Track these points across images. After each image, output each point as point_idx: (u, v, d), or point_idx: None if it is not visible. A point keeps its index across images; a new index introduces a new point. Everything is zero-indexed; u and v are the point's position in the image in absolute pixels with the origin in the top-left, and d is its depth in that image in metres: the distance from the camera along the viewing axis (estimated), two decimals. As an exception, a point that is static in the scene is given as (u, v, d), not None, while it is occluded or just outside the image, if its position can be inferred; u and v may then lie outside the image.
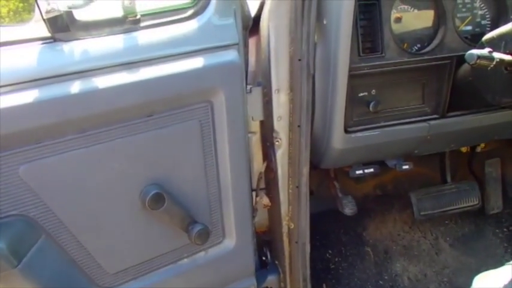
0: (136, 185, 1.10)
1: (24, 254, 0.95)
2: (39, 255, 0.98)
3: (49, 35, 0.97)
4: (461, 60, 1.50)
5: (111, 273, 1.14)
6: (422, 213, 2.14)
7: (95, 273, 1.12)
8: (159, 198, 1.10)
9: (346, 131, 1.51)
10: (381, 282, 2.12)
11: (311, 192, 1.50)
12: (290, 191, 1.52)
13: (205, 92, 1.12)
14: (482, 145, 2.24)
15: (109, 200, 1.08)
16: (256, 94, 1.42)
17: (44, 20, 0.95)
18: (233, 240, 1.34)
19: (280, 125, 1.43)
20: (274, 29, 1.29)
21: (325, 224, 2.31)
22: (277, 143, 1.47)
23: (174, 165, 1.14)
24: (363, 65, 1.45)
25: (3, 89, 0.91)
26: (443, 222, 2.41)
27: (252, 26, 1.35)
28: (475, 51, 1.27)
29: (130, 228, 1.13)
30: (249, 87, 1.37)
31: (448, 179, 2.29)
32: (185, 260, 1.27)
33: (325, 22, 1.38)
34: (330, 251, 2.23)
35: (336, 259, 2.20)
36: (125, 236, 1.14)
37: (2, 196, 0.95)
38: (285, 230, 1.60)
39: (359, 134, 1.54)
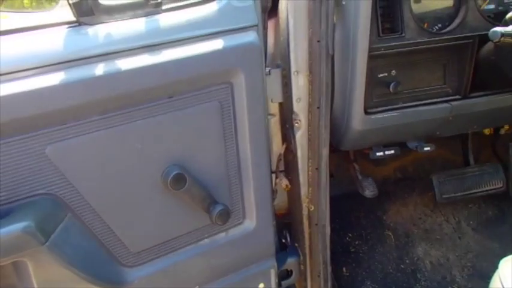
0: (158, 166, 1.12)
1: (51, 231, 0.98)
2: (65, 233, 1.01)
3: (74, 19, 1.00)
4: (483, 39, 1.48)
5: (134, 252, 1.17)
6: (444, 196, 2.13)
7: (119, 251, 1.14)
8: (180, 178, 1.12)
9: (366, 112, 1.50)
10: (402, 266, 2.11)
11: (330, 175, 1.50)
12: (310, 172, 1.52)
13: (225, 74, 1.13)
14: (506, 127, 2.20)
15: (132, 180, 1.11)
16: (275, 76, 1.42)
17: (69, 4, 0.97)
18: (253, 221, 1.35)
19: (300, 107, 1.43)
20: (292, 10, 1.28)
21: (345, 207, 2.31)
22: (296, 124, 1.47)
23: (194, 146, 1.15)
24: (382, 45, 1.44)
25: (30, 72, 0.94)
26: (466, 206, 2.38)
27: (270, 7, 1.35)
28: (499, 29, 1.25)
29: (152, 208, 1.16)
30: (268, 69, 1.37)
31: (471, 161, 2.26)
32: (206, 240, 1.29)
33: (344, 2, 1.37)
34: (349, 235, 2.23)
35: (356, 242, 2.20)
36: (147, 216, 1.16)
37: (30, 175, 0.98)
38: (305, 212, 1.61)
39: (379, 115, 1.53)
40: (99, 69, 0.98)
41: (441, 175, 2.16)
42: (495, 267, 1.25)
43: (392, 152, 1.71)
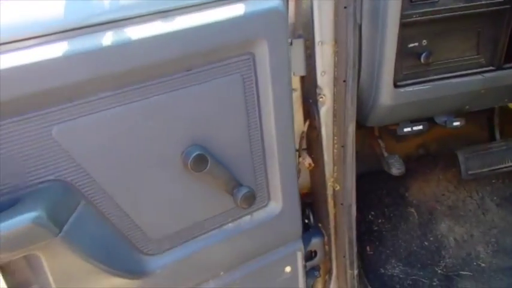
0: (177, 146, 1.03)
1: (64, 221, 0.90)
2: (79, 221, 0.93)
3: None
4: (522, 5, 1.37)
5: (154, 239, 1.10)
6: (470, 172, 2.04)
7: (138, 239, 1.07)
8: (201, 159, 1.03)
9: (395, 86, 1.41)
10: (426, 243, 2.04)
11: (355, 152, 1.41)
12: (335, 150, 1.44)
13: (247, 43, 1.03)
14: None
15: (149, 162, 1.02)
16: (298, 47, 1.33)
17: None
18: (279, 202, 1.27)
19: (324, 80, 1.35)
20: (317, -26, 1.18)
21: (367, 185, 2.23)
22: (320, 99, 1.38)
23: (215, 123, 1.07)
24: (414, 11, 1.34)
25: (28, 42, 0.83)
26: (490, 181, 2.29)
27: (292, -29, 1.24)
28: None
29: (172, 191, 1.08)
30: (289, 39, 1.27)
31: (497, 136, 2.16)
32: (230, 224, 1.21)
33: (373, -35, 1.26)
34: (372, 213, 2.16)
35: (379, 221, 2.13)
36: (166, 200, 1.08)
37: (37, 160, 0.90)
38: (329, 191, 1.54)
39: (409, 89, 1.43)
40: (107, 38, 0.88)
41: (467, 150, 2.06)
42: None
43: (421, 127, 1.62)
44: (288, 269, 1.39)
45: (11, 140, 0.86)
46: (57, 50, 0.84)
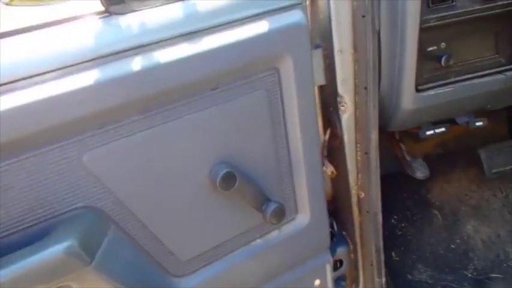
0: (205, 165, 1.03)
1: (96, 248, 0.89)
2: (111, 248, 0.92)
3: (103, 9, 0.89)
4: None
5: (184, 261, 1.09)
6: (493, 170, 2.00)
7: (168, 262, 1.06)
8: (230, 177, 1.02)
9: (416, 90, 1.39)
10: (452, 246, 2.01)
11: None
12: (358, 158, 1.43)
13: (271, 59, 1.03)
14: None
15: (177, 183, 1.02)
16: (317, 57, 1.31)
17: (97, -7, 0.87)
18: (307, 215, 1.26)
19: (345, 89, 1.33)
20: (333, -17, 1.17)
21: (387, 189, 2.19)
22: (342, 107, 1.37)
23: (242, 140, 1.06)
24: (432, 16, 1.33)
25: (59, 72, 0.84)
26: (513, 179, 2.26)
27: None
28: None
29: (200, 211, 1.07)
30: (309, 50, 1.26)
31: (518, 132, 2.13)
32: (258, 240, 1.20)
33: (389, -29, 1.25)
34: (395, 217, 2.13)
35: (402, 225, 2.10)
36: (195, 220, 1.07)
37: (67, 188, 0.89)
38: (354, 199, 1.52)
39: (431, 92, 1.42)
40: (136, 63, 0.88)
41: (489, 148, 2.03)
42: None
43: (443, 129, 1.60)
44: (317, 282, 1.37)
45: (42, 169, 0.86)
46: (86, 78, 0.85)
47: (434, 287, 1.85)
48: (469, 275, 1.89)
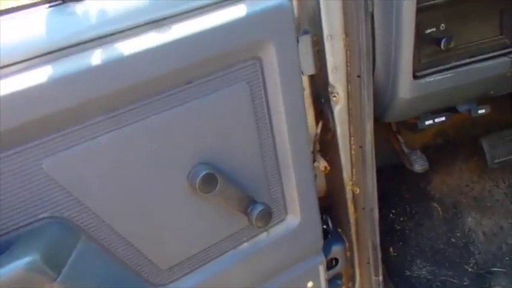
0: (183, 167, 0.93)
1: (63, 262, 0.80)
2: (80, 260, 0.83)
3: (55, -4, 0.79)
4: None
5: (164, 269, 1.00)
6: (496, 160, 1.91)
7: (147, 271, 0.97)
8: (210, 179, 0.93)
9: (414, 77, 1.29)
10: (453, 240, 1.93)
11: None
12: (353, 152, 1.33)
13: (252, 47, 0.92)
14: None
15: (152, 187, 0.92)
16: (305, 44, 1.21)
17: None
18: (297, 215, 1.16)
19: (337, 77, 1.23)
20: (321, -39, 1.07)
21: (385, 182, 2.10)
22: (334, 98, 1.27)
23: (223, 138, 0.96)
24: (430, -6, 1.22)
25: (8, 70, 0.74)
26: (516, 168, 2.17)
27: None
28: None
29: (180, 216, 0.98)
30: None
31: (522, 120, 2.03)
32: (245, 244, 1.11)
33: None
34: (393, 211, 2.04)
35: (401, 219, 2.02)
36: (175, 226, 0.98)
37: (29, 197, 0.80)
38: (349, 195, 1.43)
39: (429, 79, 1.31)
40: (96, 57, 0.78)
41: (491, 137, 1.94)
42: None
43: (443, 119, 1.50)
44: (310, 284, 1.29)
45: None
46: (39, 75, 0.75)
47: (434, 282, 1.77)
48: (470, 269, 1.81)
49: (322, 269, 1.30)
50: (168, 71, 0.84)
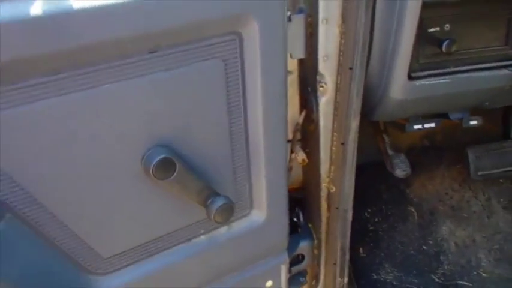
0: (137, 148, 0.82)
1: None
2: (3, 242, 0.72)
3: None
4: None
5: (106, 257, 0.90)
6: (480, 173, 1.84)
7: (85, 258, 0.87)
8: (167, 164, 0.82)
9: (409, 77, 1.19)
10: (424, 247, 1.87)
11: None
12: (333, 148, 1.24)
13: (231, 21, 0.80)
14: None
15: (98, 167, 0.81)
16: (297, 24, 1.10)
17: None
18: (263, 211, 1.07)
19: (327, 66, 1.13)
20: None
21: (364, 179, 2.03)
22: (321, 88, 1.17)
23: (187, 119, 0.85)
24: (439, -11, 1.11)
25: None
26: (497, 181, 2.11)
27: None
28: None
29: (128, 201, 0.87)
30: (287, 14, 1.04)
31: (512, 134, 1.97)
32: (202, 237, 1.01)
33: None
34: (368, 210, 1.98)
35: (375, 219, 1.95)
36: (122, 211, 0.88)
37: None
38: (323, 193, 1.35)
39: (425, 82, 1.22)
40: (37, 7, 0.65)
41: (478, 149, 1.86)
42: None
43: (433, 125, 1.42)
44: (269, 283, 1.20)
45: None
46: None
47: (398, 289, 1.71)
48: (437, 279, 1.76)
49: (284, 268, 1.22)
50: (128, 35, 0.72)
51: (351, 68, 1.08)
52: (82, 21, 0.67)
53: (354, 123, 1.16)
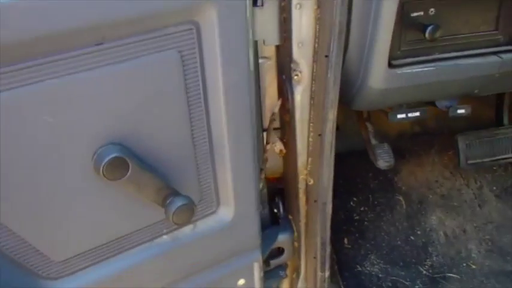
0: (87, 146, 0.76)
1: None
2: None
3: None
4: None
5: (58, 261, 0.85)
6: (470, 161, 1.79)
7: (34, 262, 0.82)
8: (119, 164, 0.76)
9: (389, 65, 1.13)
10: (412, 237, 1.83)
11: (336, 128, 1.15)
12: (310, 139, 1.19)
13: (187, 9, 0.74)
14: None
15: (46, 167, 0.76)
16: (271, 9, 1.04)
17: None
18: (231, 208, 1.02)
19: (302, 53, 1.07)
20: None
21: (350, 166, 1.99)
22: (295, 77, 1.11)
23: (141, 115, 0.79)
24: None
25: None
26: (491, 169, 2.07)
27: None
28: None
29: (80, 203, 0.82)
30: (261, -1, 0.98)
31: (505, 120, 1.90)
32: (165, 237, 0.96)
33: None
34: (354, 199, 1.93)
35: (362, 208, 1.91)
36: (72, 213, 0.82)
37: None
38: (301, 186, 1.30)
39: (407, 70, 1.16)
40: None
41: (468, 136, 1.80)
42: None
43: (417, 114, 1.35)
44: (241, 281, 1.16)
45: None
46: None
47: (384, 281, 1.67)
48: (424, 271, 1.72)
49: (257, 266, 1.17)
50: (72, 26, 0.66)
51: (327, 56, 1.02)
52: (23, 12, 0.61)
53: (331, 114, 1.11)
